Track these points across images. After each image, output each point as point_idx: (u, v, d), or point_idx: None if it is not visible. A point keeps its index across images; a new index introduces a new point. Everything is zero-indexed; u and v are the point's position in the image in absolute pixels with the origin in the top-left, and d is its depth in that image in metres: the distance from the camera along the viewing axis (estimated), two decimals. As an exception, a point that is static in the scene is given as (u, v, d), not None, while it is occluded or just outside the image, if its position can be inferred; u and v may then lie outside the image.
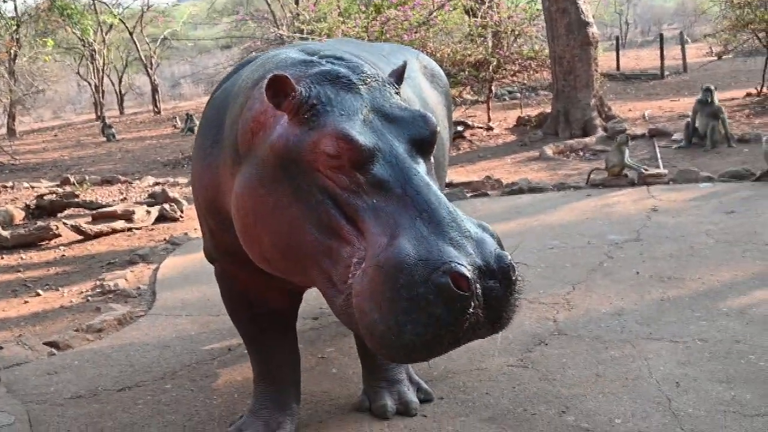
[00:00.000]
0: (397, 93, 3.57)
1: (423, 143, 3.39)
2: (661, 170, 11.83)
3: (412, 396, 4.84)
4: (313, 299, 6.00)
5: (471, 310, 2.92)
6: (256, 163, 3.51)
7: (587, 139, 16.51)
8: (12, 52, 32.27)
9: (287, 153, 3.35)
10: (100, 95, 42.81)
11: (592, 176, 11.86)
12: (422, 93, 5.10)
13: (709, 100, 14.31)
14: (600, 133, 16.86)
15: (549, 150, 15.80)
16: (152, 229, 11.62)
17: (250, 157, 3.59)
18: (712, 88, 14.54)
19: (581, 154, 15.65)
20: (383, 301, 2.93)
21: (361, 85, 3.46)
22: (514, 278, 3.04)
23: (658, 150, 14.08)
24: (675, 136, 15.29)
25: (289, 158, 3.35)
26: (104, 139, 29.21)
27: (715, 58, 29.65)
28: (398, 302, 2.90)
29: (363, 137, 3.22)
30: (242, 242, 3.71)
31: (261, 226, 3.48)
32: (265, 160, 3.45)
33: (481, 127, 19.51)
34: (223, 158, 4.01)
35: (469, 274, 2.89)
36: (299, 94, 3.35)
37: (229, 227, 4.08)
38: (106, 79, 43.53)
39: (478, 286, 2.94)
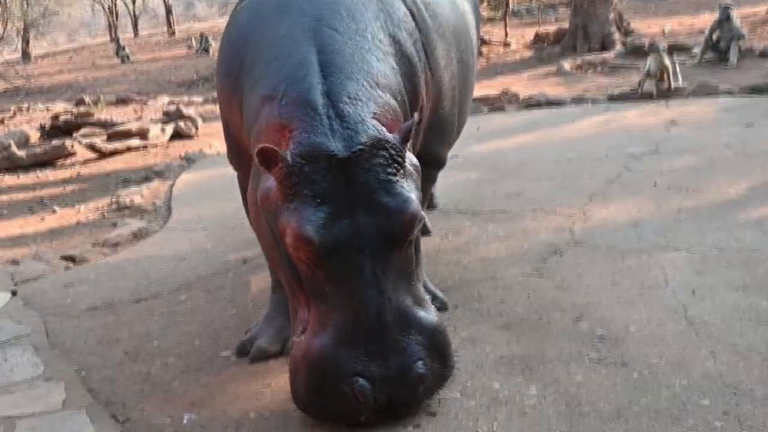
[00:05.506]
0: (397, 160, 3.45)
1: (397, 238, 3.43)
2: (681, 84, 11.66)
3: (427, 304, 4.90)
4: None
5: (365, 414, 3.43)
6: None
7: (606, 54, 16.27)
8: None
9: (269, 215, 3.53)
10: (114, 17, 42.43)
11: (645, 85, 11.70)
12: None
13: (728, 18, 14.10)
14: (619, 48, 16.63)
15: (567, 65, 15.60)
16: (167, 147, 11.62)
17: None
18: (731, 5, 14.32)
19: (599, 69, 15.43)
20: (301, 381, 3.47)
21: (353, 163, 3.35)
22: (420, 390, 3.49)
23: (677, 64, 13.88)
24: (695, 50, 15.08)
25: (272, 219, 3.52)
26: (118, 60, 29.07)
27: (738, -29, 29.00)
28: (310, 390, 3.45)
29: (325, 239, 3.31)
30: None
31: (261, 238, 3.89)
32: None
33: (498, 43, 19.25)
34: (235, 97, 4.11)
35: (368, 391, 3.34)
36: (286, 165, 3.34)
37: (236, 156, 4.24)
38: (119, 1, 43.12)
39: (382, 395, 3.39)
